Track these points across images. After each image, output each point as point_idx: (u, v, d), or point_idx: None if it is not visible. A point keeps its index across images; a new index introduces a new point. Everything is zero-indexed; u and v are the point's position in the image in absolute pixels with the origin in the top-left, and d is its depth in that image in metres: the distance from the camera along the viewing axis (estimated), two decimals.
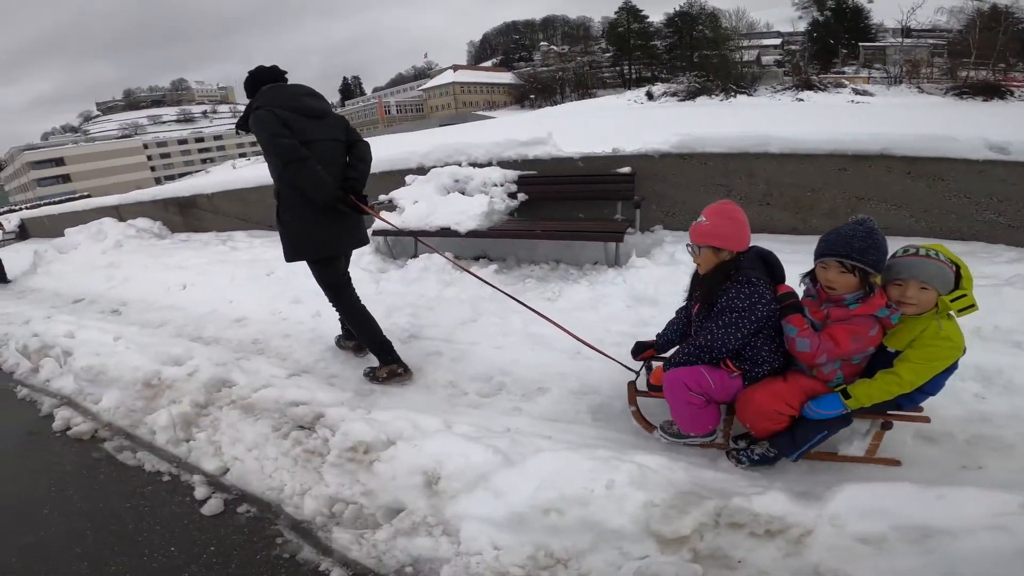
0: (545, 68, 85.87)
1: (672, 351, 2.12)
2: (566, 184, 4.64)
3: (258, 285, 4.50)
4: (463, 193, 4.82)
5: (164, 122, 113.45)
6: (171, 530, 2.04)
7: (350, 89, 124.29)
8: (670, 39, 74.57)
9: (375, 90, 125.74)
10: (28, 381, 3.54)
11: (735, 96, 54.24)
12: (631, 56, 77.76)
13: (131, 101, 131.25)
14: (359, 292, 3.46)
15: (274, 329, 3.72)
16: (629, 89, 69.45)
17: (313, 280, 2.83)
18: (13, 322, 4.61)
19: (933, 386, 1.74)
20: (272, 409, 2.53)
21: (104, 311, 4.97)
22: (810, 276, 1.87)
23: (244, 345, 3.57)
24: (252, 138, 2.41)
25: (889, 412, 1.80)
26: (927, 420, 1.81)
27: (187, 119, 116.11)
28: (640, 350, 2.28)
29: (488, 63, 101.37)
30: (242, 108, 2.57)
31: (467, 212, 4.44)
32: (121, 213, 9.22)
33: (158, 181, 69.63)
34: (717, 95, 56.00)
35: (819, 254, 1.76)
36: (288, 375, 3.00)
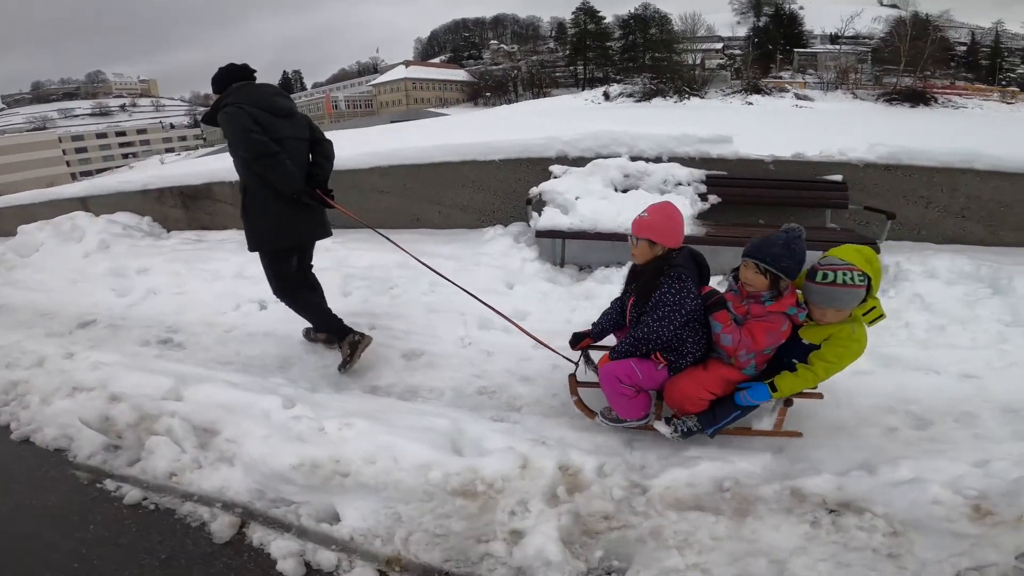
0: (496, 66, 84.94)
1: (607, 339, 2.35)
2: (765, 188, 4.05)
3: (394, 300, 3.22)
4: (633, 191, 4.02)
5: (76, 116, 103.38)
6: None
7: (290, 84, 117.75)
8: (623, 41, 75.63)
9: (315, 85, 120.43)
10: (119, 470, 2.14)
11: (688, 99, 55.70)
12: (586, 57, 78.14)
13: (39, 94, 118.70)
14: (553, 312, 3.13)
15: (492, 367, 2.57)
16: (582, 89, 69.83)
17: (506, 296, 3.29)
18: (15, 363, 3.07)
19: None
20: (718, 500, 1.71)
21: (148, 341, 3.49)
22: (734, 274, 2.03)
23: (469, 398, 2.42)
24: (180, 133, 2.64)
25: None
26: (820, 396, 2.12)
27: (103, 113, 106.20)
28: (578, 340, 2.36)
29: (436, 60, 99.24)
30: (165, 102, 2.84)
31: None
32: (90, 206, 7.39)
33: (74, 177, 63.23)
34: (670, 97, 57.30)
35: (743, 254, 1.93)
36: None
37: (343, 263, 4.19)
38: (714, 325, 1.97)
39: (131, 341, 3.51)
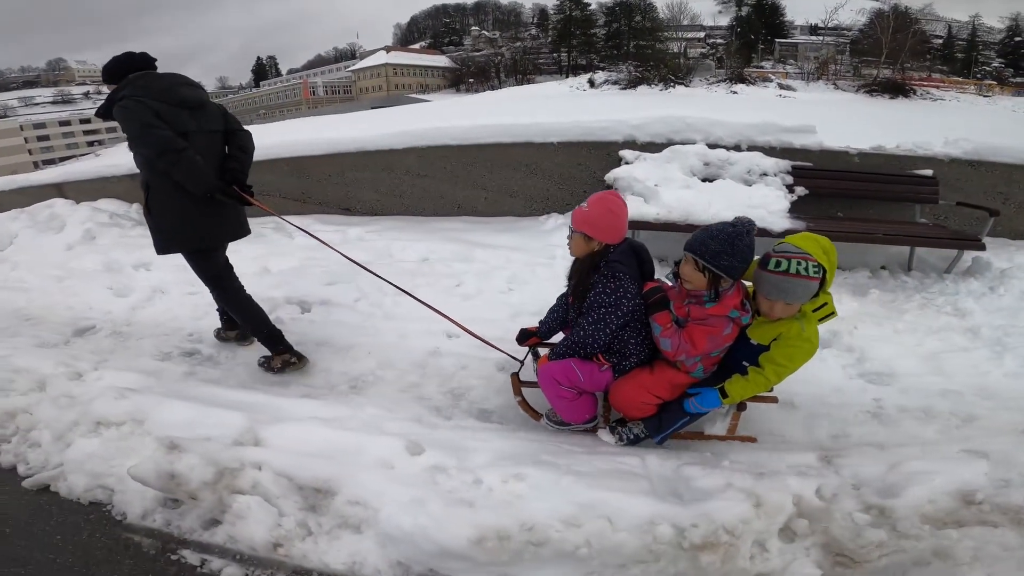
0: (477, 52, 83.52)
1: (556, 336, 2.21)
2: (852, 181, 3.92)
3: (467, 302, 2.73)
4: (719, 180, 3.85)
5: (38, 103, 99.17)
6: None
7: (264, 70, 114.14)
8: (607, 28, 75.06)
9: (290, 71, 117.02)
10: (194, 536, 1.64)
11: (674, 87, 55.46)
12: (570, 44, 77.32)
13: (0, 83, 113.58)
14: None
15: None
16: (566, 76, 69.02)
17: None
18: (8, 386, 2.47)
19: None
20: None
21: (169, 354, 2.94)
22: (675, 269, 1.87)
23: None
24: None
25: None
26: (775, 400, 1.99)
27: (66, 100, 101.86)
28: (524, 337, 2.26)
29: (416, 46, 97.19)
30: None
31: (767, 207, 3.43)
32: (67, 193, 6.68)
33: (36, 165, 60.54)
34: (656, 85, 57.03)
35: (684, 246, 1.77)
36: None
37: (385, 256, 3.67)
38: (654, 327, 1.84)
39: (146, 353, 2.95)
